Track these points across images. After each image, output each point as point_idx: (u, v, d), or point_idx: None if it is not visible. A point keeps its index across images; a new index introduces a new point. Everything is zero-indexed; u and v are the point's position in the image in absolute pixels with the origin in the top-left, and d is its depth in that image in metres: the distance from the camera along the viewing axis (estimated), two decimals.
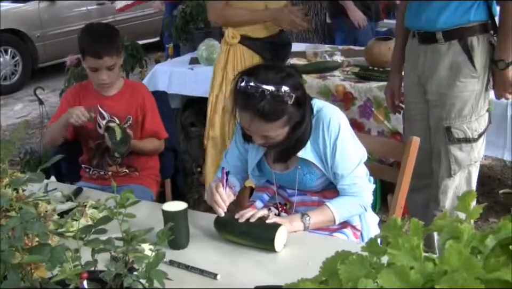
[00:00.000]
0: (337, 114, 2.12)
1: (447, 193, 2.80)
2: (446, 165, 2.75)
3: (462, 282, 0.77)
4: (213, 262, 1.82)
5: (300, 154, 2.11)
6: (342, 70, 3.91)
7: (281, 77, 1.97)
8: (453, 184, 2.78)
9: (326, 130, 2.07)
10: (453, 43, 2.61)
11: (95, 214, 2.04)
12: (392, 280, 0.82)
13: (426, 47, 2.69)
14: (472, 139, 2.69)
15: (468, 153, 2.72)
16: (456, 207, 0.96)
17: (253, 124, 2.01)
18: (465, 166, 2.75)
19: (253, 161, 2.23)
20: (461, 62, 2.60)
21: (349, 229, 2.20)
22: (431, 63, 2.68)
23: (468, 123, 2.67)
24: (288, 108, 1.97)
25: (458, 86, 2.63)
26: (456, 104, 2.65)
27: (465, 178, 2.80)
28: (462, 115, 2.66)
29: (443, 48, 2.63)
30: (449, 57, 2.62)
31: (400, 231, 0.93)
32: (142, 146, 2.83)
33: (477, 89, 2.63)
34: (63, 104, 2.85)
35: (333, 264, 0.93)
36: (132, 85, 2.92)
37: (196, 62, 4.28)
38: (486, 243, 0.87)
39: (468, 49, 2.59)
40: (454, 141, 2.69)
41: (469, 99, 2.64)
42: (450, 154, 2.72)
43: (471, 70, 2.60)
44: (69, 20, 8.26)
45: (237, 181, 2.29)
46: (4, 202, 1.37)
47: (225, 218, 2.01)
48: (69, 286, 1.17)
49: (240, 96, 1.99)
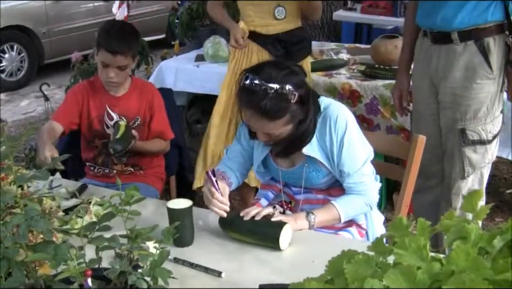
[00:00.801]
0: (344, 112, 2.11)
1: (460, 194, 2.76)
2: (459, 166, 2.70)
3: (470, 283, 0.77)
4: (217, 260, 1.82)
5: (306, 152, 2.10)
6: (348, 68, 3.90)
7: (285, 74, 1.96)
8: (466, 186, 2.74)
9: (333, 127, 2.07)
10: (468, 44, 2.56)
11: (99, 211, 2.03)
12: (398, 280, 0.82)
13: (440, 47, 2.64)
14: (487, 141, 2.66)
15: (482, 155, 2.68)
16: (463, 207, 0.95)
17: (256, 122, 2.01)
18: (478, 168, 2.71)
19: (258, 158, 2.23)
20: (477, 63, 2.56)
21: (354, 228, 2.19)
22: (445, 64, 2.63)
23: (482, 125, 2.63)
24: (291, 106, 1.96)
25: (474, 87, 2.58)
26: (471, 106, 2.60)
27: (478, 180, 2.76)
28: (477, 117, 2.62)
29: (458, 49, 2.58)
30: (465, 58, 2.57)
31: (407, 230, 0.93)
32: (148, 147, 2.81)
33: (492, 91, 2.59)
34: (71, 99, 2.81)
35: (338, 263, 0.92)
36: (140, 85, 2.88)
37: (201, 59, 4.27)
38: (494, 244, 0.86)
39: (484, 50, 2.54)
40: (468, 143, 2.65)
41: (484, 101, 2.59)
42: (464, 156, 2.67)
43: (487, 71, 2.56)
44: (75, 17, 8.25)
45: (233, 175, 2.26)
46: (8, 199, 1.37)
47: (230, 217, 2.00)
48: (73, 284, 1.16)
49: (244, 93, 1.99)
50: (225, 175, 2.20)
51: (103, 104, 2.78)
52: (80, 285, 1.16)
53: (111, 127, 2.74)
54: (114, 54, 2.63)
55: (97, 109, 2.77)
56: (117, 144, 2.58)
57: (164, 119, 2.88)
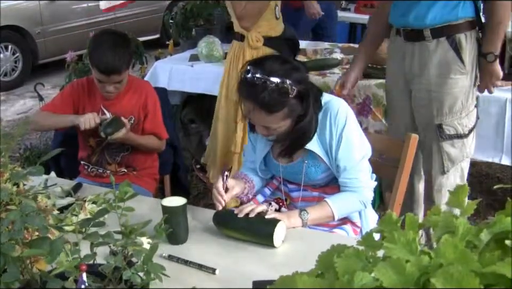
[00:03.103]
0: (344, 107, 2.13)
1: (442, 191, 2.83)
2: (439, 162, 2.78)
3: (457, 275, 0.78)
4: (211, 257, 1.83)
5: (306, 146, 2.12)
6: (342, 68, 3.91)
7: (286, 69, 1.99)
8: (447, 181, 2.81)
9: (333, 121, 2.09)
10: (441, 41, 2.64)
11: (94, 209, 2.04)
12: (388, 273, 0.83)
13: (413, 45, 2.72)
14: (464, 135, 2.74)
15: (459, 149, 2.76)
16: (449, 202, 0.97)
17: (255, 114, 2.03)
18: (457, 162, 2.78)
19: (260, 155, 2.25)
20: (450, 59, 2.64)
21: (349, 225, 2.20)
22: (420, 61, 2.71)
23: (458, 119, 2.71)
24: (289, 101, 1.98)
25: (448, 83, 2.66)
26: (447, 101, 2.69)
27: (459, 176, 2.83)
28: (453, 112, 2.70)
29: (431, 46, 2.66)
30: (438, 54, 2.65)
31: (396, 225, 0.94)
32: (141, 141, 2.81)
33: (466, 85, 2.67)
34: (68, 93, 2.82)
35: (329, 258, 0.93)
36: (136, 84, 2.87)
37: (196, 59, 4.28)
38: (481, 237, 0.87)
39: (456, 46, 2.63)
40: (446, 137, 2.73)
41: (459, 96, 2.68)
42: (443, 151, 2.75)
43: (460, 66, 2.64)
44: (70, 17, 8.25)
45: (255, 177, 2.30)
46: (4, 196, 1.38)
47: (224, 214, 2.02)
48: (68, 279, 1.17)
49: (245, 85, 2.01)
50: (247, 177, 2.25)
51: (98, 104, 2.78)
52: (74, 280, 1.17)
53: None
54: (109, 75, 2.62)
55: (92, 108, 2.77)
56: (107, 128, 2.61)
57: (158, 119, 2.87)
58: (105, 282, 1.22)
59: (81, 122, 2.60)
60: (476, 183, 4.23)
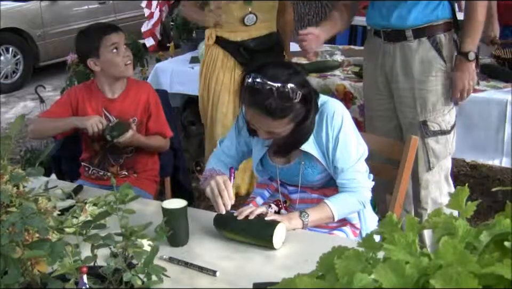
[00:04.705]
0: (340, 108, 2.14)
1: (428, 188, 2.87)
2: (424, 158, 2.82)
3: (457, 277, 0.78)
4: (212, 259, 1.83)
5: (303, 147, 2.12)
6: (343, 70, 3.91)
7: (288, 74, 1.99)
8: (433, 179, 2.86)
9: (329, 123, 2.09)
10: (422, 41, 2.70)
11: (95, 211, 2.04)
12: (387, 274, 0.83)
13: (393, 45, 2.76)
14: (447, 131, 2.80)
15: (443, 145, 2.81)
16: (449, 205, 0.97)
17: (259, 120, 2.03)
18: (442, 158, 2.83)
19: (257, 156, 2.25)
20: (431, 57, 2.70)
21: (348, 227, 2.21)
22: (402, 61, 2.75)
23: (442, 116, 2.77)
24: (294, 105, 1.99)
25: (431, 80, 2.72)
26: (430, 98, 2.74)
27: (444, 175, 2.89)
28: (437, 109, 2.75)
29: (413, 46, 2.71)
30: (420, 53, 2.71)
31: (396, 227, 0.94)
32: (148, 141, 2.83)
33: (447, 83, 2.73)
34: (65, 100, 2.83)
35: (329, 259, 0.93)
36: (136, 85, 2.89)
37: (196, 61, 4.28)
38: (480, 239, 0.88)
39: (437, 45, 2.69)
40: (430, 134, 2.78)
41: (442, 93, 2.74)
42: (428, 148, 2.80)
43: (441, 64, 2.71)
44: (70, 19, 8.27)
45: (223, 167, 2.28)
46: (4, 198, 1.38)
47: (224, 216, 2.02)
48: (68, 281, 1.18)
49: (247, 92, 2.01)
50: (222, 173, 2.20)
51: (100, 107, 2.79)
52: (75, 282, 1.17)
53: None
54: (117, 31, 2.75)
55: (94, 111, 2.77)
56: (113, 131, 2.62)
57: (161, 117, 2.89)
58: (105, 284, 1.23)
59: (89, 126, 2.61)
60: (477, 185, 4.23)
